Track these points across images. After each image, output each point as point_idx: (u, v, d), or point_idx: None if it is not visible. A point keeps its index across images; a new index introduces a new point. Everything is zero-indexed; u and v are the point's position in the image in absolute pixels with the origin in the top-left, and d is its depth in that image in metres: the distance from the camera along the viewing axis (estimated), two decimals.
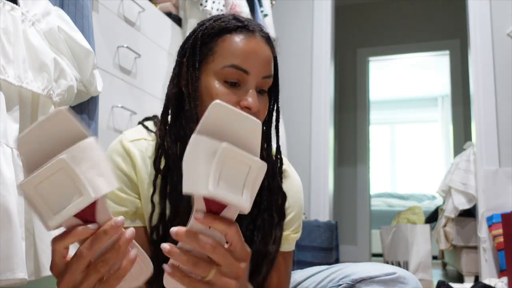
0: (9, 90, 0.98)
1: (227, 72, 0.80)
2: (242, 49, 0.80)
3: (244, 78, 0.80)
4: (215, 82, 0.81)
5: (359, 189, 4.48)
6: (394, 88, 6.69)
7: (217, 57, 0.81)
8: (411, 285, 0.87)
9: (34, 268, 0.99)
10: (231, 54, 0.80)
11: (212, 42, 0.82)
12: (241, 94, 0.80)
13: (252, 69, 0.80)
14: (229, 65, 0.79)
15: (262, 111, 0.84)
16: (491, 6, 2.81)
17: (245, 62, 0.79)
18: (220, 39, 0.81)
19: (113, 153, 0.87)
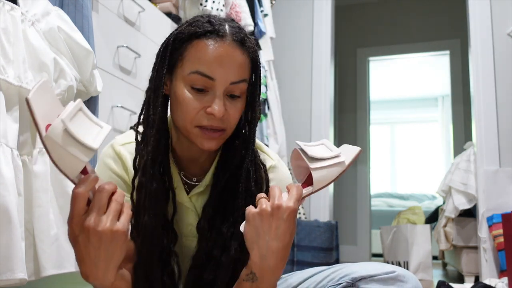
0: (9, 90, 0.98)
1: (193, 78, 0.80)
2: (208, 55, 0.79)
3: (210, 84, 0.80)
4: (183, 88, 0.81)
5: (359, 189, 4.48)
6: (394, 88, 6.69)
7: (185, 62, 0.81)
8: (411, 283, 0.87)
9: (34, 268, 0.99)
10: (197, 60, 0.80)
11: (182, 47, 0.82)
12: (207, 100, 0.81)
13: (218, 75, 0.80)
14: (194, 71, 0.80)
15: (233, 116, 0.84)
16: (491, 6, 2.81)
17: (210, 68, 0.79)
18: (190, 44, 0.81)
19: (105, 157, 0.91)
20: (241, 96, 0.85)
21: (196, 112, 0.81)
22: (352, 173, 4.52)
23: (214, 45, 0.80)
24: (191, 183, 0.94)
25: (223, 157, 0.92)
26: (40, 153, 1.03)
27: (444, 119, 6.65)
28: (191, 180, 0.94)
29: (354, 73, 4.70)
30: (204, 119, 0.81)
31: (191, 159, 0.93)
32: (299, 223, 2.62)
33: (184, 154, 0.91)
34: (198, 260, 0.88)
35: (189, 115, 0.81)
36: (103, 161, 0.91)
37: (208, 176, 0.92)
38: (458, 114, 4.44)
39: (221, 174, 0.90)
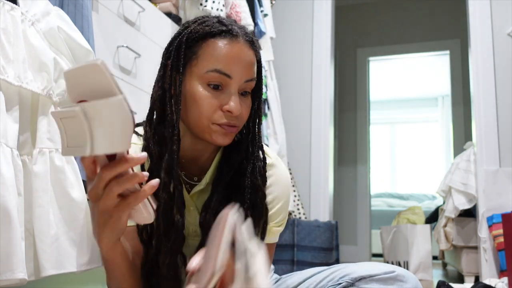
0: (9, 90, 0.98)
1: (210, 76, 0.82)
2: (225, 53, 0.82)
3: (227, 82, 0.83)
4: (198, 86, 0.83)
5: (359, 189, 4.48)
6: (394, 88, 6.69)
7: (200, 61, 0.83)
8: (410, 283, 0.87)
9: (34, 268, 0.99)
10: (214, 58, 0.82)
11: (196, 46, 0.83)
12: (223, 98, 0.83)
13: (235, 73, 0.82)
14: (212, 70, 0.81)
15: (245, 112, 0.87)
16: (491, 6, 2.81)
17: (227, 66, 0.82)
18: (205, 43, 0.83)
19: None
20: (249, 94, 0.88)
21: (214, 109, 0.83)
22: (352, 173, 4.52)
23: (230, 44, 0.82)
24: (192, 183, 0.94)
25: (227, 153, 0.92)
26: (40, 153, 1.03)
27: (444, 119, 6.65)
28: (192, 180, 0.94)
29: (354, 73, 4.70)
30: (221, 116, 0.83)
31: (192, 159, 0.93)
32: (299, 223, 2.62)
33: (186, 154, 0.91)
34: None
35: (206, 113, 0.82)
36: None
37: (209, 174, 0.92)
38: (458, 114, 4.44)
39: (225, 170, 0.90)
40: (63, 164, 1.05)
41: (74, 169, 1.09)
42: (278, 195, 0.94)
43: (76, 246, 1.03)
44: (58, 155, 1.05)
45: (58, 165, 1.04)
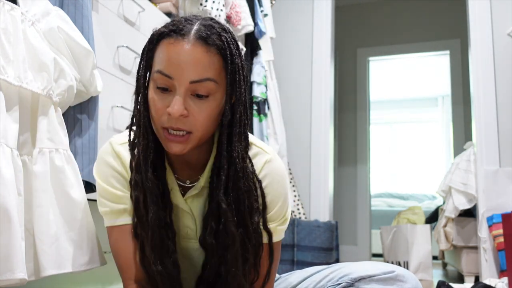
0: (9, 90, 0.98)
1: (156, 78, 0.80)
2: (167, 54, 0.79)
3: (171, 84, 0.79)
4: (151, 89, 0.82)
5: (359, 189, 4.48)
6: (394, 88, 6.69)
7: (154, 62, 0.82)
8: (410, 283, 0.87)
9: (34, 268, 0.99)
10: (159, 59, 0.80)
11: (154, 48, 0.83)
12: (169, 100, 0.79)
13: (175, 74, 0.78)
14: (156, 71, 0.80)
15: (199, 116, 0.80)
16: (491, 6, 2.81)
17: (168, 67, 0.78)
18: (158, 45, 0.82)
19: (104, 154, 0.92)
20: (211, 96, 0.81)
21: (162, 112, 0.80)
22: (352, 173, 4.52)
23: (174, 44, 0.79)
24: (186, 186, 0.93)
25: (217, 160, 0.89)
26: (40, 153, 1.03)
27: (444, 119, 6.64)
28: (185, 183, 0.93)
29: (354, 73, 4.69)
30: (165, 120, 0.80)
31: (183, 162, 0.92)
32: (299, 223, 2.62)
33: (177, 157, 0.90)
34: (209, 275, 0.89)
35: (156, 115, 0.81)
36: (103, 158, 0.92)
37: (203, 178, 0.91)
38: (458, 114, 4.43)
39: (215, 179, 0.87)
40: (63, 164, 1.05)
41: (74, 169, 1.09)
42: (276, 195, 0.91)
43: (76, 246, 1.03)
44: (58, 155, 1.06)
45: (58, 165, 1.04)
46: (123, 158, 0.90)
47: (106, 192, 0.90)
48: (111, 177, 0.90)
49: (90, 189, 1.29)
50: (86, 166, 1.24)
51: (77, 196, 1.06)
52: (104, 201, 0.91)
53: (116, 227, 0.91)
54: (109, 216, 0.91)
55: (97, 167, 0.92)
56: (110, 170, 0.90)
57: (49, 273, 0.97)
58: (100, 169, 0.91)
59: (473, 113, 2.82)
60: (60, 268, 0.99)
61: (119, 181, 0.90)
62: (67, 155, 1.08)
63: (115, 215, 0.90)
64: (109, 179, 0.90)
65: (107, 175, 0.90)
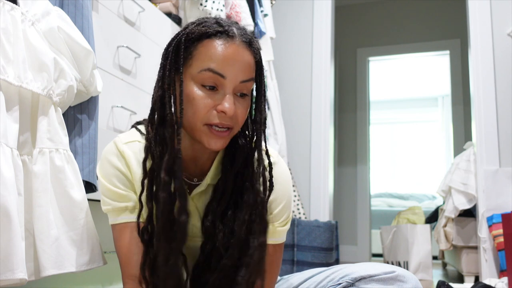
0: (9, 90, 0.98)
1: (204, 76, 0.82)
2: (220, 53, 0.82)
3: (221, 82, 0.82)
4: (193, 86, 0.83)
5: (359, 189, 4.48)
6: (394, 88, 6.69)
7: (195, 61, 0.83)
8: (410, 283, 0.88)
9: (34, 268, 0.99)
10: (208, 58, 0.82)
11: (192, 47, 0.84)
12: (218, 99, 0.82)
13: (229, 73, 0.82)
14: (205, 69, 0.82)
15: (241, 114, 0.86)
16: (491, 6, 2.81)
17: (221, 66, 0.81)
18: (200, 43, 0.83)
19: (108, 154, 0.92)
20: (248, 94, 0.87)
21: (207, 110, 0.82)
22: (352, 173, 4.52)
23: (225, 45, 0.82)
24: (192, 183, 0.94)
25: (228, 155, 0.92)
26: (40, 153, 1.03)
27: (444, 119, 6.65)
28: (192, 181, 0.94)
29: (354, 73, 4.70)
30: (214, 117, 0.82)
31: (192, 159, 0.93)
32: (299, 223, 2.62)
33: (186, 154, 0.91)
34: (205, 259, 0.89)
35: (200, 113, 0.82)
36: (107, 158, 0.92)
37: (210, 175, 0.93)
38: (458, 114, 4.44)
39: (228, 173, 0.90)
40: (63, 164, 1.05)
41: (74, 169, 1.09)
42: (280, 195, 0.94)
43: (76, 246, 1.03)
44: (58, 155, 1.06)
45: (58, 165, 1.04)
46: (127, 158, 0.91)
47: (109, 191, 0.91)
48: (114, 177, 0.90)
49: (90, 189, 1.29)
50: (86, 166, 1.25)
51: (77, 196, 1.06)
52: (106, 200, 0.92)
53: (118, 224, 0.91)
54: (111, 214, 0.92)
55: (101, 166, 0.93)
56: (113, 170, 0.91)
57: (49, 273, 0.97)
58: (104, 169, 0.92)
59: (473, 113, 2.82)
60: (60, 268, 0.99)
61: (121, 180, 0.91)
62: (67, 155, 1.08)
63: (117, 213, 0.91)
64: (112, 178, 0.91)
65: (110, 175, 0.91)
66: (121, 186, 0.91)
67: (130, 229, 0.90)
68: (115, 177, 0.90)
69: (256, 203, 0.87)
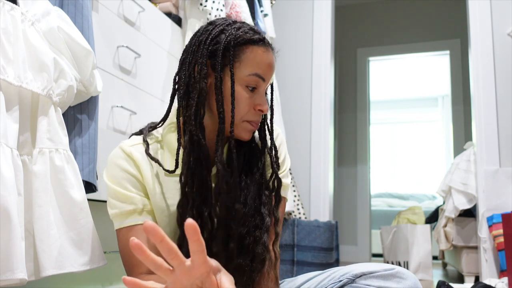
0: (9, 90, 0.98)
1: (250, 79, 0.92)
2: (264, 61, 0.93)
3: (260, 84, 0.94)
4: (238, 87, 0.92)
5: (359, 189, 4.48)
6: (394, 88, 6.69)
7: (244, 65, 0.92)
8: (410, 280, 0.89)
9: (34, 268, 0.99)
10: (255, 64, 0.92)
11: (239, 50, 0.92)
12: (256, 98, 0.94)
13: (267, 77, 0.95)
14: (253, 74, 0.92)
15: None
16: (491, 6, 2.81)
17: (265, 72, 0.93)
18: (247, 48, 0.93)
19: (115, 158, 0.95)
20: None
21: (249, 108, 0.93)
22: (352, 173, 4.52)
23: (266, 53, 0.94)
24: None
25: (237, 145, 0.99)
26: (40, 153, 1.03)
27: (444, 119, 6.65)
28: None
29: (354, 73, 4.70)
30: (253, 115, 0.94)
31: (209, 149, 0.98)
32: (299, 223, 2.62)
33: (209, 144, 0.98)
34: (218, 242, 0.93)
35: (242, 111, 0.93)
36: (114, 162, 0.94)
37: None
38: (458, 114, 4.44)
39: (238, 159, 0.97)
40: (63, 164, 1.05)
41: (74, 169, 1.09)
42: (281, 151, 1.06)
43: (76, 246, 1.03)
44: (58, 155, 1.06)
45: (58, 165, 1.04)
46: (136, 159, 0.94)
47: (117, 193, 0.93)
48: (123, 180, 0.93)
49: (90, 189, 1.29)
50: (86, 166, 1.25)
51: (77, 196, 1.06)
52: (114, 203, 0.93)
53: (124, 228, 0.92)
54: (118, 218, 0.93)
55: (109, 171, 0.95)
56: (123, 173, 0.93)
57: (49, 273, 0.97)
58: (112, 173, 0.94)
59: (473, 113, 2.82)
60: (60, 268, 0.99)
61: (132, 182, 0.93)
62: (67, 155, 1.08)
63: (124, 216, 0.92)
64: (121, 181, 0.93)
65: (120, 178, 0.93)
66: (131, 188, 0.93)
67: (138, 232, 0.91)
68: (125, 179, 0.93)
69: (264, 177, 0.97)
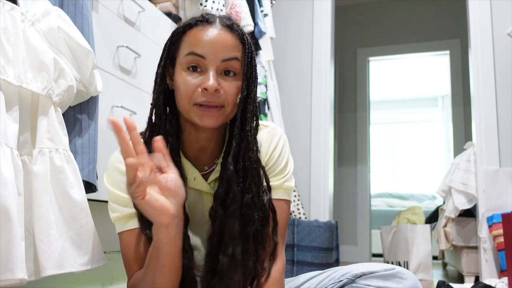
0: (9, 90, 0.98)
1: (187, 60, 0.89)
2: (199, 37, 0.89)
3: (203, 63, 0.88)
4: (181, 72, 0.90)
5: (359, 189, 4.48)
6: (394, 88, 6.69)
7: (181, 50, 0.91)
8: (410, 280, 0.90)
9: (34, 268, 0.99)
10: (188, 44, 0.89)
11: (179, 41, 0.92)
12: (202, 79, 0.88)
13: (208, 53, 0.88)
14: (188, 53, 0.89)
15: (229, 92, 0.89)
16: (491, 6, 2.81)
17: (200, 48, 0.88)
18: (184, 35, 0.91)
19: (115, 163, 0.96)
20: (236, 75, 0.91)
21: (193, 90, 0.88)
22: (352, 173, 4.52)
23: (204, 29, 0.89)
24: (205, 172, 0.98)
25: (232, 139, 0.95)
26: (40, 153, 1.03)
27: (444, 119, 6.65)
28: (204, 170, 0.98)
29: (354, 73, 4.70)
30: (199, 95, 0.87)
31: (201, 149, 0.96)
32: (299, 223, 2.62)
33: (193, 146, 0.95)
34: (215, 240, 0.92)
35: (187, 94, 0.88)
36: (114, 167, 0.95)
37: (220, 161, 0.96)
38: (458, 114, 4.44)
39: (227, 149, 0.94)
40: (63, 164, 1.05)
41: (74, 169, 1.09)
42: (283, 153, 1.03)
43: (76, 246, 1.03)
44: (58, 155, 1.06)
45: (58, 165, 1.04)
46: None
47: (117, 197, 0.93)
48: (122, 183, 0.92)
49: (90, 189, 1.29)
50: (86, 166, 1.25)
51: (77, 196, 1.06)
52: (115, 206, 0.94)
53: (126, 231, 0.93)
54: (119, 221, 0.94)
55: (109, 176, 0.95)
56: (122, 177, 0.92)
57: (49, 273, 0.97)
58: (112, 177, 0.95)
59: (473, 113, 2.82)
60: (60, 268, 0.99)
61: None
62: (67, 155, 1.08)
63: (125, 220, 0.93)
64: (121, 185, 0.93)
65: (119, 182, 0.93)
66: None
67: (139, 235, 0.92)
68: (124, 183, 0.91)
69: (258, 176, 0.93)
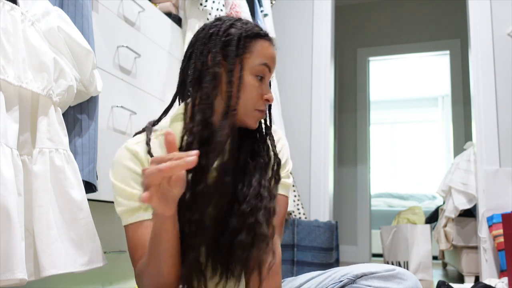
0: (9, 90, 0.98)
1: (260, 68, 0.99)
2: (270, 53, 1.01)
3: (266, 74, 1.01)
4: (249, 76, 0.98)
5: (359, 189, 4.48)
6: (394, 88, 6.69)
7: (254, 55, 0.99)
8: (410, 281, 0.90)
9: (34, 268, 0.99)
10: (264, 55, 1.00)
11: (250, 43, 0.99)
12: (263, 88, 1.00)
13: (272, 68, 1.02)
14: (263, 63, 0.99)
15: None
16: (491, 6, 2.81)
17: (270, 63, 1.01)
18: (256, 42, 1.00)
19: (121, 159, 0.97)
20: None
21: (259, 97, 0.99)
22: (352, 173, 4.52)
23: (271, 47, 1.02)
24: None
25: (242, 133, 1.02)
26: (40, 153, 1.03)
27: (444, 119, 6.65)
28: None
29: (354, 73, 4.70)
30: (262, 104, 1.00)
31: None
32: (299, 223, 2.62)
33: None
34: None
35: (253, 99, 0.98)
36: (121, 163, 0.96)
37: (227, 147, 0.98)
38: (458, 114, 4.44)
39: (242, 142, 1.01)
40: (63, 164, 1.05)
41: (74, 169, 1.09)
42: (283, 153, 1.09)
43: (76, 246, 1.03)
44: (58, 155, 1.06)
45: (58, 165, 1.04)
46: (139, 156, 0.97)
47: (123, 192, 0.95)
48: (129, 179, 0.95)
49: (90, 189, 1.29)
50: (86, 166, 1.25)
51: (77, 196, 1.06)
52: (121, 200, 0.95)
53: (132, 224, 0.95)
54: (125, 214, 0.95)
55: (115, 171, 0.97)
56: (128, 172, 0.96)
57: (49, 273, 0.97)
58: (118, 173, 0.96)
59: (473, 113, 2.82)
60: (60, 268, 0.99)
61: (136, 180, 0.95)
62: (67, 155, 1.08)
63: (131, 213, 0.95)
64: (127, 180, 0.95)
65: (125, 177, 0.95)
66: (137, 186, 0.95)
67: (144, 227, 0.93)
68: (132, 179, 0.95)
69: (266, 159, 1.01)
